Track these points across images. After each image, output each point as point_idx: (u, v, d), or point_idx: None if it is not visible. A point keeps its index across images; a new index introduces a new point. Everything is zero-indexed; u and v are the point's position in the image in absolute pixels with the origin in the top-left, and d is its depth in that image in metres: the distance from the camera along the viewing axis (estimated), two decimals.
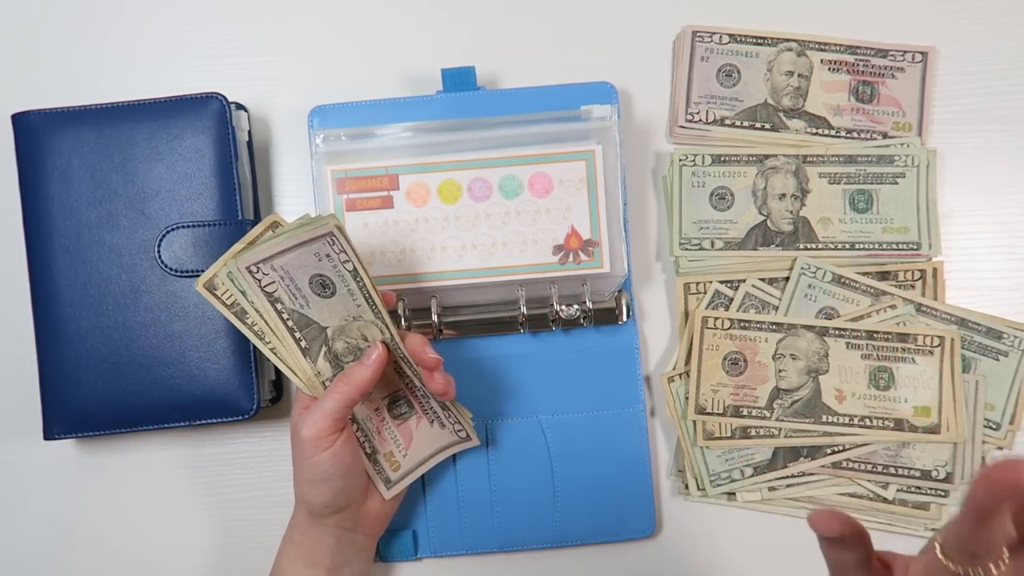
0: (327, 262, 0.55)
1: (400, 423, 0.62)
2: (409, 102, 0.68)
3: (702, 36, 0.70)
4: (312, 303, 0.55)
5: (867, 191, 0.68)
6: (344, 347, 0.57)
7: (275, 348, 0.56)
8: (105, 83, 0.71)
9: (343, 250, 0.55)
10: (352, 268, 0.56)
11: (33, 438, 0.68)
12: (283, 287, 0.54)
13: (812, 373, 0.66)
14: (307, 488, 0.58)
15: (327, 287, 0.55)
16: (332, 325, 0.57)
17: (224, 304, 0.56)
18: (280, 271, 0.54)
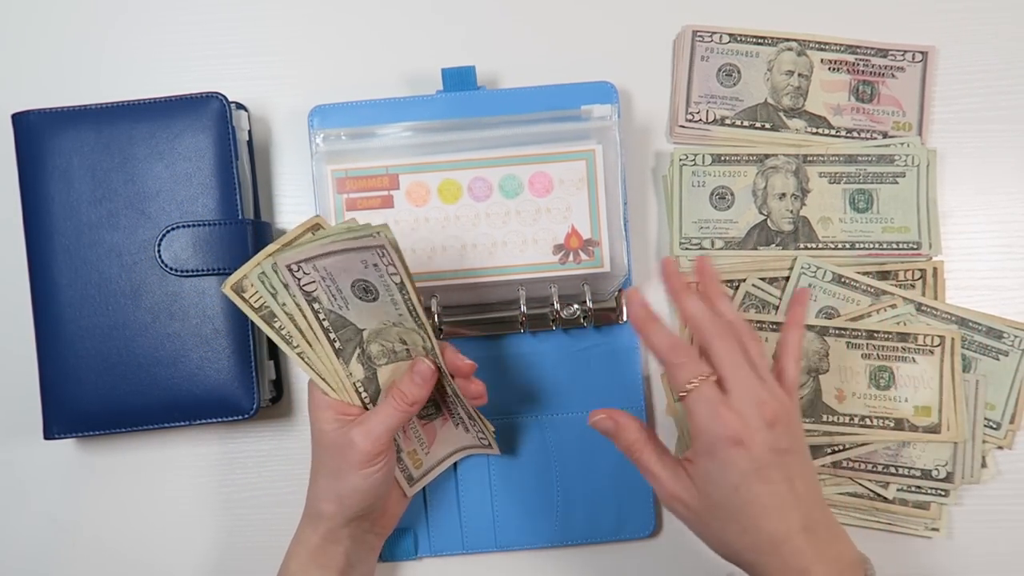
0: (373, 271, 0.53)
1: (425, 423, 0.62)
2: (409, 102, 0.68)
3: (702, 36, 0.70)
4: (351, 305, 0.55)
5: (867, 191, 0.68)
6: (379, 350, 0.57)
7: (303, 352, 0.55)
8: (105, 83, 0.71)
9: (392, 263, 0.52)
10: (399, 281, 0.53)
11: (33, 438, 0.68)
12: (323, 287, 0.53)
13: (812, 373, 0.66)
14: (336, 502, 0.56)
15: (370, 292, 0.54)
16: (369, 328, 0.56)
17: (252, 307, 0.54)
18: (323, 271, 0.53)
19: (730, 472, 0.51)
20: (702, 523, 0.53)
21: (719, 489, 0.51)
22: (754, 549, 0.52)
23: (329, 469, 0.56)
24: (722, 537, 0.53)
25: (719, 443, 0.51)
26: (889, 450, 0.67)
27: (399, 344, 0.57)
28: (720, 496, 0.51)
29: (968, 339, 0.67)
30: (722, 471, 0.51)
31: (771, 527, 0.51)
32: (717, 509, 0.52)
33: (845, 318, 0.67)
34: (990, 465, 0.67)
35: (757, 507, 0.51)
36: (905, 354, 0.66)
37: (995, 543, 0.68)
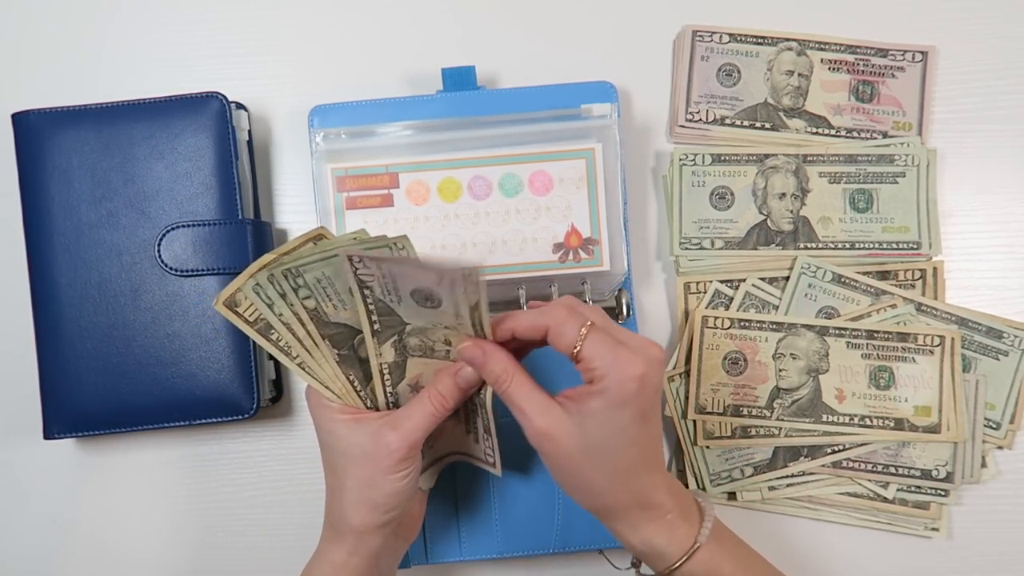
0: (447, 288, 0.50)
1: None
2: (409, 101, 0.68)
3: (702, 36, 0.70)
4: (405, 305, 0.52)
5: (867, 190, 0.68)
6: (417, 343, 0.55)
7: (303, 362, 0.54)
8: (105, 83, 0.71)
9: (475, 288, 0.49)
10: (475, 302, 0.51)
11: (33, 438, 0.68)
12: (380, 284, 0.51)
13: (812, 372, 0.66)
14: (369, 510, 0.53)
15: (432, 300, 0.51)
16: (415, 324, 0.54)
17: (246, 321, 0.53)
18: (387, 274, 0.50)
19: (624, 413, 0.49)
20: (571, 464, 0.51)
21: (604, 429, 0.50)
22: (617, 492, 0.51)
23: (356, 477, 0.53)
24: (589, 483, 0.51)
25: (624, 384, 0.49)
26: (889, 450, 0.66)
27: (441, 344, 0.55)
28: (603, 436, 0.50)
29: (968, 339, 0.67)
30: (617, 411, 0.49)
31: (639, 468, 0.51)
32: (592, 452, 0.50)
33: (845, 318, 0.67)
34: (990, 465, 0.67)
35: (634, 450, 0.51)
36: (905, 354, 0.66)
37: (995, 543, 0.68)
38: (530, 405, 0.51)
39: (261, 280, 0.51)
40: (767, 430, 0.66)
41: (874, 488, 0.67)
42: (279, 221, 0.71)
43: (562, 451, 0.50)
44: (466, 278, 0.49)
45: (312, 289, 0.52)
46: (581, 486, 0.52)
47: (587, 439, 0.50)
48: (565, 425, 0.50)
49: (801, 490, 0.67)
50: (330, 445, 0.54)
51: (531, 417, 0.51)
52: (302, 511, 0.69)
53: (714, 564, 0.53)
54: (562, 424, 0.50)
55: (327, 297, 0.53)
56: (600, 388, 0.49)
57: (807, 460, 0.67)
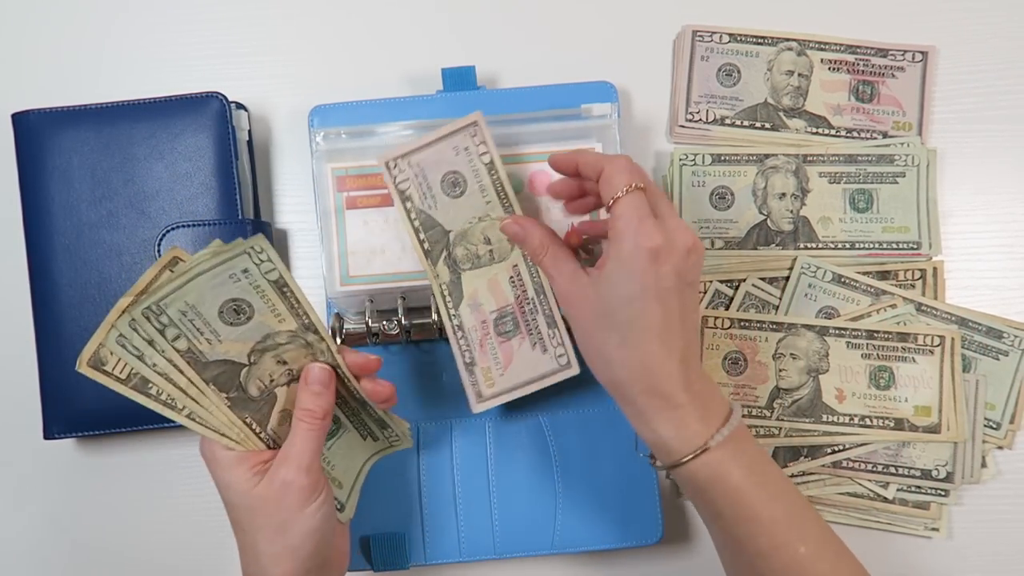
0: (463, 156, 0.58)
1: (503, 341, 0.61)
2: (409, 101, 0.68)
3: (702, 36, 0.70)
4: (440, 204, 0.59)
5: (867, 190, 0.68)
6: (464, 253, 0.60)
7: (191, 412, 0.50)
8: (105, 83, 0.71)
9: (483, 141, 0.58)
10: (489, 160, 0.59)
11: (33, 438, 0.68)
12: (415, 184, 0.58)
13: (812, 372, 0.66)
14: (290, 558, 0.50)
15: (458, 185, 0.58)
16: (455, 229, 0.59)
17: (118, 379, 0.49)
18: (416, 167, 0.58)
19: (633, 283, 0.50)
20: (587, 331, 0.53)
21: (616, 296, 0.51)
22: (626, 365, 0.51)
23: (267, 527, 0.50)
24: (601, 348, 0.52)
25: (636, 252, 0.50)
26: (889, 450, 0.66)
27: (483, 245, 0.60)
28: (614, 304, 0.51)
29: (968, 339, 0.67)
30: (627, 279, 0.50)
31: (651, 347, 0.51)
32: (605, 317, 0.51)
33: (845, 318, 0.67)
34: (990, 465, 0.67)
35: (643, 324, 0.51)
36: (905, 354, 0.66)
37: (995, 543, 0.68)
38: (560, 273, 0.55)
39: (123, 329, 0.47)
40: (767, 430, 0.66)
41: (874, 488, 0.67)
42: (279, 221, 0.71)
43: (580, 314, 0.53)
44: (474, 135, 0.58)
45: (180, 326, 0.48)
46: (594, 353, 0.53)
47: (601, 304, 0.52)
48: (584, 291, 0.53)
49: (801, 490, 0.67)
50: (232, 502, 0.52)
51: (559, 282, 0.55)
52: None
53: (722, 469, 0.51)
54: (582, 289, 0.53)
55: (197, 332, 0.49)
56: (615, 249, 0.51)
57: (807, 460, 0.67)
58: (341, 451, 0.57)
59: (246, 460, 0.51)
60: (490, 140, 0.58)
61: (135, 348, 0.48)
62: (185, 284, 0.48)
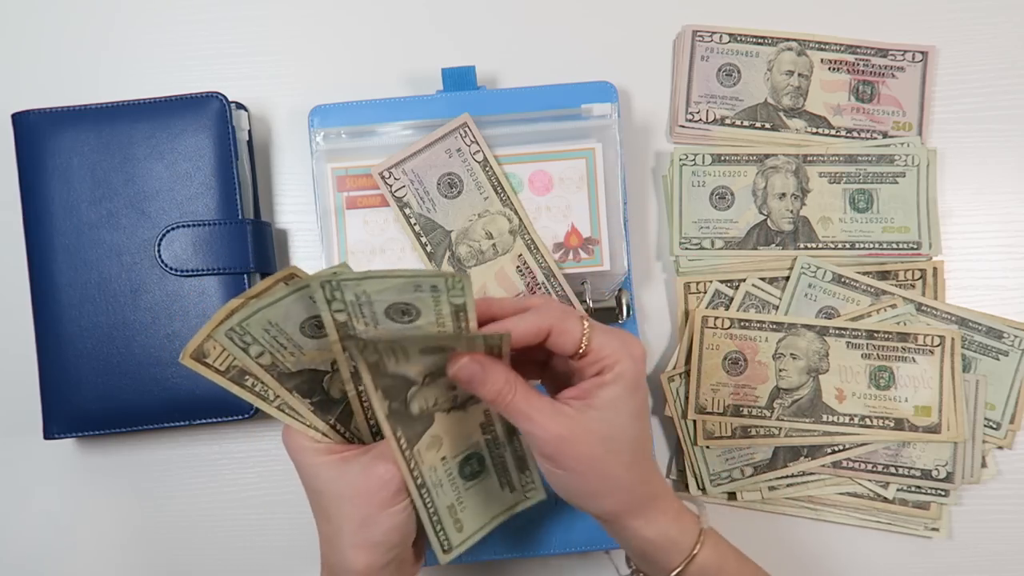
0: (456, 158, 0.60)
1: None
2: (409, 101, 0.68)
3: (702, 35, 0.70)
4: (439, 206, 0.61)
5: (867, 190, 0.68)
6: (467, 251, 0.61)
7: (283, 403, 0.51)
8: (105, 83, 0.71)
9: (475, 140, 0.60)
10: (482, 158, 0.61)
11: (33, 437, 0.68)
12: (412, 191, 0.59)
13: (812, 372, 0.66)
14: (369, 551, 0.50)
15: (454, 186, 0.60)
16: (456, 228, 0.61)
17: (218, 371, 0.50)
18: (411, 174, 0.60)
19: (637, 396, 0.50)
20: (591, 463, 0.49)
21: (622, 416, 0.49)
22: (639, 481, 0.51)
23: (352, 518, 0.50)
24: (610, 474, 0.49)
25: (636, 365, 0.50)
26: (889, 450, 0.66)
27: (486, 240, 0.61)
28: (621, 424, 0.49)
29: (968, 339, 0.67)
30: (631, 396, 0.49)
31: (650, 456, 0.53)
32: (613, 442, 0.49)
33: (845, 318, 0.67)
34: (990, 465, 0.67)
35: (645, 436, 0.52)
36: (905, 354, 0.66)
37: (995, 543, 0.68)
38: (539, 413, 0.48)
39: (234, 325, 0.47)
40: (767, 430, 0.66)
41: (874, 488, 0.67)
42: (279, 221, 0.71)
43: (581, 452, 0.48)
44: (464, 136, 0.59)
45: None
46: (601, 486, 0.50)
47: (607, 430, 0.49)
48: (580, 423, 0.48)
49: (801, 490, 0.67)
50: (318, 490, 0.51)
51: (543, 424, 0.48)
52: (302, 511, 0.69)
53: (721, 551, 0.53)
54: (577, 423, 0.48)
55: (281, 347, 0.49)
56: (615, 375, 0.49)
57: (807, 460, 0.67)
58: (478, 496, 0.55)
59: (331, 449, 0.51)
60: (481, 139, 0.60)
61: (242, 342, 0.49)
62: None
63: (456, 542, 0.55)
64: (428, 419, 0.51)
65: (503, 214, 0.61)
